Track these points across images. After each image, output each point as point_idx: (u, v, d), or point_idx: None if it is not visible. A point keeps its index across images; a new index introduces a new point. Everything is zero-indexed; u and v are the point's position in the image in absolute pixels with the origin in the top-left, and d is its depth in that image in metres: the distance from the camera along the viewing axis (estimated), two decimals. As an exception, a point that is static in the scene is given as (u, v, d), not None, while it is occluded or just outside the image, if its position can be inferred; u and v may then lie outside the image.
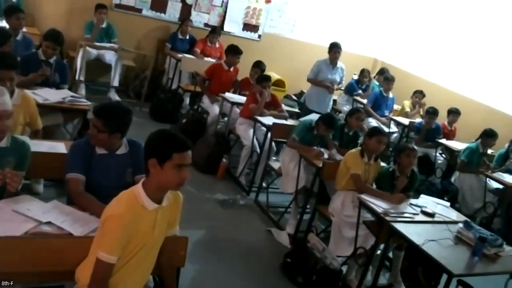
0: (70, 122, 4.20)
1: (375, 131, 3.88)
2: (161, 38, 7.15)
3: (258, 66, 5.91)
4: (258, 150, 4.98)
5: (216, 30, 7.02)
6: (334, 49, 6.09)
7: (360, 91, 7.46)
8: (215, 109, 5.76)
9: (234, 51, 5.98)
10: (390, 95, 7.12)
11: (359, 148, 3.91)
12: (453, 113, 6.48)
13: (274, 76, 7.54)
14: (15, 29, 4.63)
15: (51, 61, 4.13)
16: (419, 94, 7.20)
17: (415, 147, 4.07)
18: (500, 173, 5.49)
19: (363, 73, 7.47)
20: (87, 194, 2.43)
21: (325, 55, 6.18)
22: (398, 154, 3.77)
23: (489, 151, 5.87)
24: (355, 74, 7.78)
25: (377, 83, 7.68)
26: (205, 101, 5.96)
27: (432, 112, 6.35)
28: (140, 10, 6.96)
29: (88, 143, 2.58)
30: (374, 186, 3.85)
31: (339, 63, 6.26)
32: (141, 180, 2.03)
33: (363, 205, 3.47)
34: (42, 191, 3.77)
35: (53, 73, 4.11)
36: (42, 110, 3.72)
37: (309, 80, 6.24)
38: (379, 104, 7.02)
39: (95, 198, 2.41)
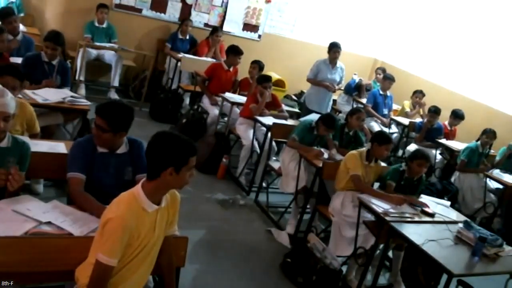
0: (70, 122, 4.19)
1: (385, 139, 3.82)
2: (161, 38, 7.15)
3: (257, 62, 5.91)
4: (258, 150, 4.98)
5: (218, 29, 6.92)
6: (334, 49, 6.08)
7: (356, 92, 7.46)
8: (215, 109, 5.76)
9: (235, 52, 5.97)
10: (388, 93, 7.11)
11: (360, 149, 3.91)
12: (457, 117, 6.38)
13: (274, 76, 7.53)
14: (12, 32, 4.61)
15: (54, 63, 4.13)
16: (419, 94, 7.18)
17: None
18: (500, 173, 5.50)
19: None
20: (87, 194, 2.43)
21: (325, 55, 6.17)
22: (411, 159, 3.79)
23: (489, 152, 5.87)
24: (355, 74, 7.78)
25: (377, 83, 7.68)
26: (205, 101, 5.96)
27: (434, 111, 6.30)
28: (140, 10, 6.96)
29: (89, 141, 2.57)
30: (375, 186, 3.86)
31: (339, 63, 6.24)
32: (140, 181, 2.03)
33: (363, 205, 3.47)
34: (42, 191, 3.76)
35: (55, 75, 4.10)
36: (42, 110, 3.72)
37: (308, 80, 6.23)
38: (378, 103, 6.99)
39: (94, 198, 2.40)
